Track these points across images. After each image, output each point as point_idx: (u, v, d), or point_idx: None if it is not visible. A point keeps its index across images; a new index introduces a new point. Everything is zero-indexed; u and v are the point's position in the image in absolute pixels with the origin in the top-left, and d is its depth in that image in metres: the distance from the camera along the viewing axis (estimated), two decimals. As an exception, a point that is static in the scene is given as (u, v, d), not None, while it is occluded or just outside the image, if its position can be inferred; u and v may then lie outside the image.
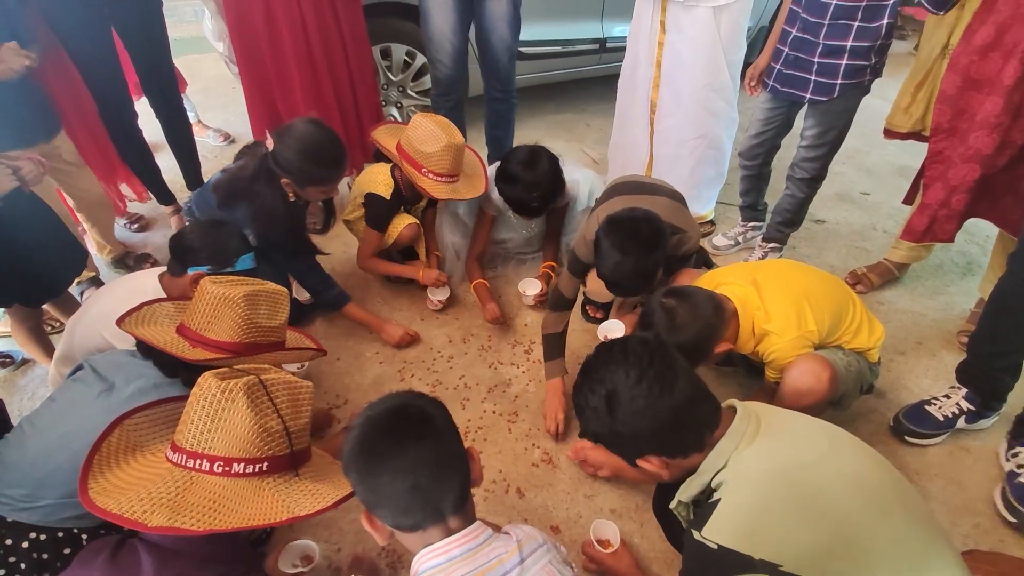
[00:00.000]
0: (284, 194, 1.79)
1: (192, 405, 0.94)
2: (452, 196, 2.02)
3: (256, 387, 0.95)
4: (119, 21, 2.10)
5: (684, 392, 0.98)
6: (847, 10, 1.78)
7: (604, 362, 1.02)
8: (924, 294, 2.34)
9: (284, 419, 0.96)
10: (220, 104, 3.68)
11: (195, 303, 1.20)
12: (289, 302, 1.31)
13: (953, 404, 1.76)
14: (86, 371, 1.21)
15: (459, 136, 1.96)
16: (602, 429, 1.02)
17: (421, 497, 0.85)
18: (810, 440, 1.02)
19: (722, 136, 2.38)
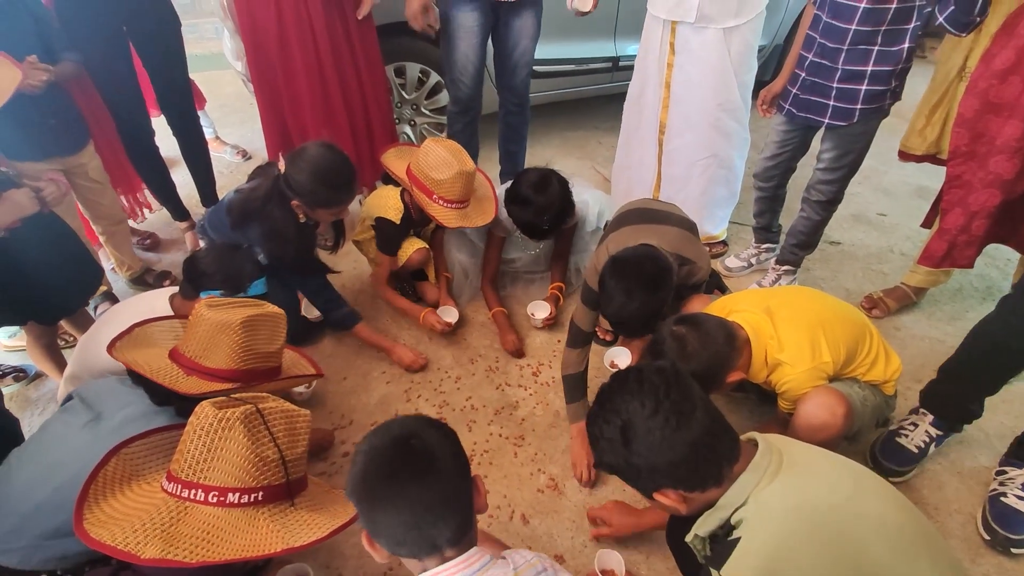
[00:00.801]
0: (295, 215, 1.80)
1: (189, 434, 0.94)
2: (463, 223, 2.02)
3: (253, 416, 0.94)
4: (138, 39, 2.15)
5: (702, 424, 0.96)
6: (867, 35, 1.75)
7: (619, 392, 1.00)
8: (942, 319, 2.28)
9: (281, 448, 0.95)
10: (238, 120, 3.74)
11: (191, 329, 1.20)
12: (287, 323, 1.30)
13: (923, 433, 1.72)
14: (75, 401, 1.21)
15: (470, 163, 1.97)
16: (617, 461, 1.01)
17: (418, 534, 0.85)
18: (835, 480, 0.99)
19: (733, 156, 2.36)
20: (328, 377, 2.04)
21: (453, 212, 1.99)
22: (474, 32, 2.29)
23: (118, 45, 2.11)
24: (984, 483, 1.71)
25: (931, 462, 1.76)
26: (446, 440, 0.90)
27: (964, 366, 1.64)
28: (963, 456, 1.79)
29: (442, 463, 0.87)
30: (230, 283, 1.47)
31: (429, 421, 0.92)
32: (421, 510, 0.84)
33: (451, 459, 0.89)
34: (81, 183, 2.08)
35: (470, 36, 2.30)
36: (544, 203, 1.93)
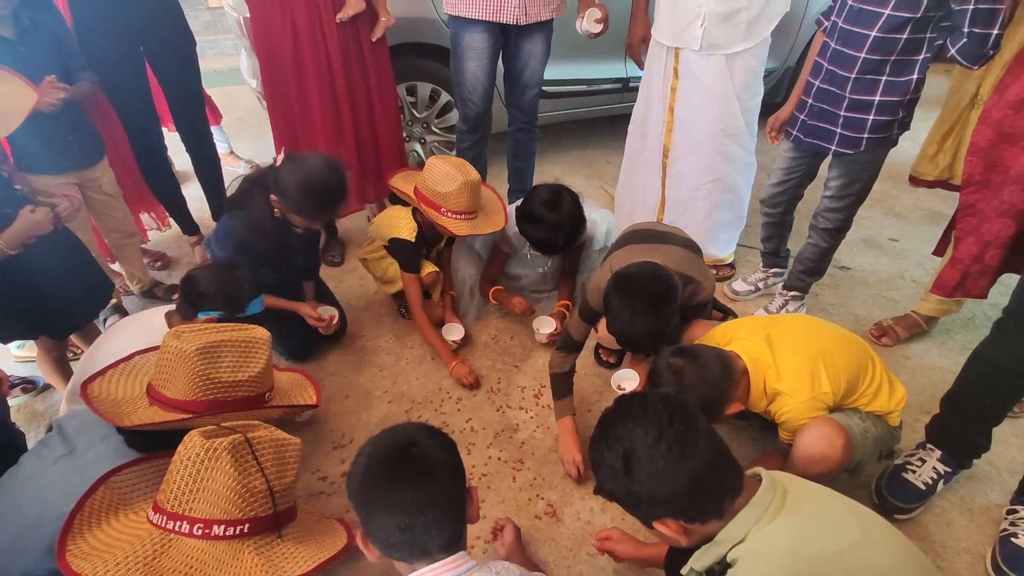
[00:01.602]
0: (271, 208, 1.83)
1: (175, 464, 0.94)
2: (473, 232, 2.05)
3: (241, 446, 0.94)
4: (153, 58, 2.20)
5: (705, 455, 0.94)
6: (876, 64, 1.74)
7: (622, 418, 0.99)
8: (954, 349, 2.24)
9: (269, 479, 0.95)
10: (252, 135, 3.80)
11: (159, 357, 1.19)
12: (268, 350, 1.25)
13: (930, 469, 1.68)
14: (53, 433, 1.21)
15: (474, 173, 1.99)
16: (618, 488, 1.00)
17: (411, 538, 0.89)
18: (840, 524, 0.96)
19: (738, 180, 2.35)
20: (330, 395, 2.05)
21: (464, 222, 2.02)
22: (484, 53, 2.32)
23: (134, 64, 2.16)
24: (995, 521, 1.67)
25: (939, 498, 1.72)
26: (445, 449, 0.96)
27: (964, 396, 1.61)
28: (973, 492, 1.75)
29: (439, 471, 0.92)
30: (229, 303, 1.47)
31: (431, 430, 0.98)
32: (416, 514, 0.88)
33: (448, 468, 0.95)
34: (94, 196, 2.12)
35: (480, 57, 2.32)
36: (558, 219, 1.94)
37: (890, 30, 1.67)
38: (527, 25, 2.27)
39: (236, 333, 1.22)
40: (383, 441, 0.95)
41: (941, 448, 1.69)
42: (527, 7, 2.21)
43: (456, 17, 2.28)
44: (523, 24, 2.25)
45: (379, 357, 2.21)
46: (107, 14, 2.02)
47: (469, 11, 2.22)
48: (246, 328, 1.25)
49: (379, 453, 0.93)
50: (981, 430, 1.63)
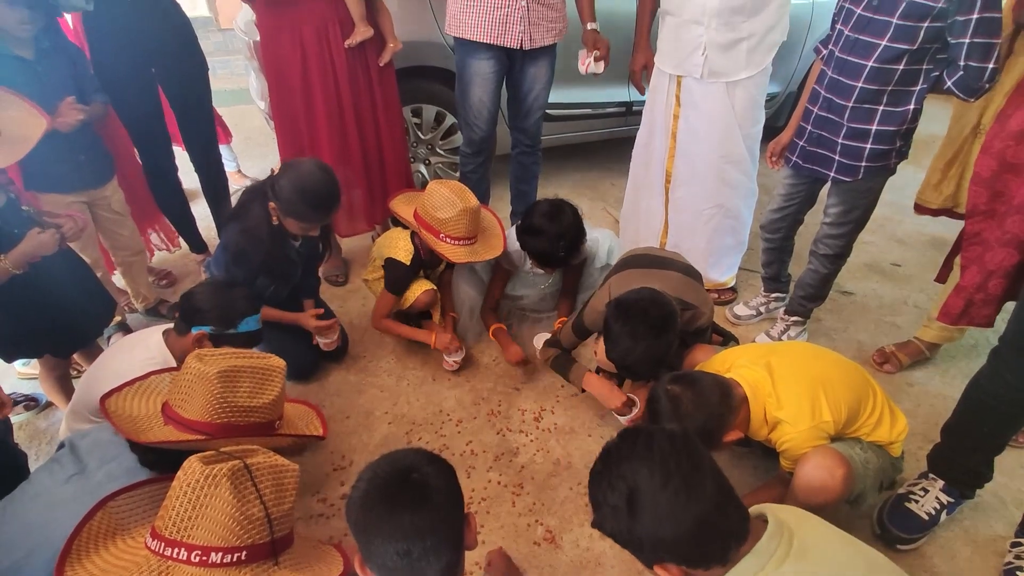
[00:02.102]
0: (269, 216, 1.86)
1: (175, 490, 0.94)
2: (470, 259, 2.06)
3: (241, 472, 0.95)
4: (166, 81, 2.25)
5: (711, 499, 0.91)
6: (873, 94, 1.76)
7: (627, 456, 0.96)
8: (958, 376, 2.23)
9: (267, 505, 0.95)
10: (260, 154, 3.85)
11: (178, 377, 1.21)
12: (283, 379, 1.28)
13: (933, 500, 1.66)
14: (65, 450, 1.22)
15: (473, 200, 2.01)
16: (620, 529, 0.96)
17: (409, 563, 0.90)
18: (846, 569, 0.93)
19: (740, 206, 2.37)
20: (331, 416, 2.05)
21: (461, 248, 2.03)
22: (490, 79, 2.35)
23: (146, 86, 2.20)
24: (1000, 553, 1.65)
25: (943, 528, 1.70)
26: (444, 475, 0.97)
27: (963, 425, 1.61)
28: (978, 523, 1.73)
29: (438, 497, 0.93)
30: (221, 319, 1.48)
31: (430, 456, 0.99)
32: (414, 539, 0.89)
33: (447, 494, 0.95)
34: (103, 214, 2.15)
35: (486, 83, 2.36)
36: (558, 231, 1.95)
37: (886, 61, 1.69)
38: (531, 50, 2.31)
39: (255, 360, 1.24)
40: (383, 466, 0.96)
41: (943, 478, 1.67)
42: (531, 32, 2.25)
43: (462, 42, 2.33)
44: (527, 49, 2.28)
45: (380, 378, 2.21)
46: (121, 37, 2.07)
47: (474, 34, 2.26)
48: (264, 356, 1.27)
49: (379, 478, 0.94)
50: (982, 459, 1.62)
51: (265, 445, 1.25)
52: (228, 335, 1.50)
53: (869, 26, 1.69)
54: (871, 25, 1.68)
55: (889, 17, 1.64)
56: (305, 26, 2.16)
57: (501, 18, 2.21)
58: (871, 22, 1.68)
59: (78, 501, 1.11)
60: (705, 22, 2.05)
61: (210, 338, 1.49)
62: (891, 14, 1.63)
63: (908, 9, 1.60)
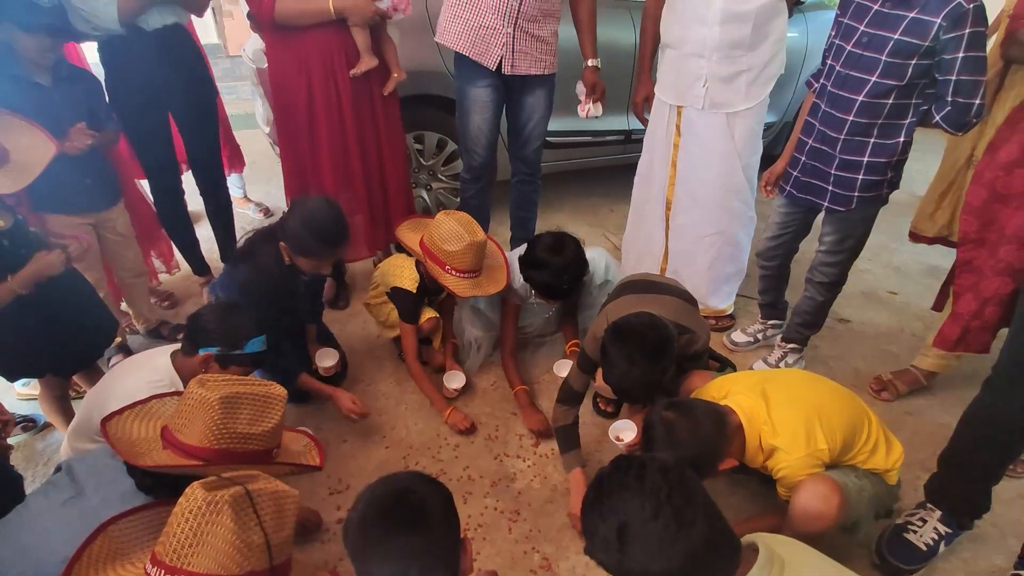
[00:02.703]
0: (281, 256, 1.88)
1: (177, 516, 0.94)
2: (476, 292, 2.07)
3: (242, 499, 0.95)
4: (177, 110, 2.29)
5: (702, 534, 0.90)
6: (864, 127, 1.80)
7: (619, 487, 0.95)
8: (956, 405, 2.21)
9: (267, 532, 0.96)
10: (264, 178, 3.89)
11: (181, 402, 1.22)
12: (283, 407, 1.29)
13: (931, 530, 1.65)
14: (62, 473, 1.22)
15: (481, 233, 2.02)
16: (610, 561, 0.95)
17: None
18: None
19: (739, 234, 2.40)
20: (328, 439, 2.05)
21: (466, 282, 2.03)
22: (487, 106, 2.40)
23: (159, 115, 2.26)
24: (997, 585, 1.64)
25: (942, 560, 1.69)
26: (441, 498, 0.99)
27: (959, 454, 1.61)
28: (977, 555, 1.72)
29: (434, 518, 0.96)
30: (226, 340, 1.49)
31: (428, 479, 1.02)
32: (410, 560, 0.91)
33: (443, 516, 0.98)
34: (108, 236, 2.17)
35: (483, 110, 2.41)
36: (561, 264, 1.97)
37: (876, 96, 1.73)
38: (527, 78, 2.36)
39: (256, 388, 1.25)
40: (380, 488, 0.99)
41: (941, 508, 1.67)
42: (514, 59, 2.28)
43: (460, 69, 2.38)
44: (508, 74, 2.32)
45: (379, 402, 2.22)
46: (138, 67, 2.12)
47: (455, 44, 2.31)
48: (265, 384, 1.28)
49: (376, 499, 0.97)
50: (979, 489, 1.61)
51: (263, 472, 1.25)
52: (233, 355, 1.51)
53: (859, 62, 1.74)
54: (861, 61, 1.73)
55: (878, 54, 1.69)
56: (312, 55, 2.21)
57: (484, 36, 2.25)
58: (861, 58, 1.73)
59: (73, 525, 1.11)
60: (706, 55, 2.10)
61: (216, 359, 1.51)
62: (880, 51, 1.68)
63: (896, 47, 1.65)
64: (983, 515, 1.66)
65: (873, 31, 1.69)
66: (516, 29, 2.23)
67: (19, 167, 1.72)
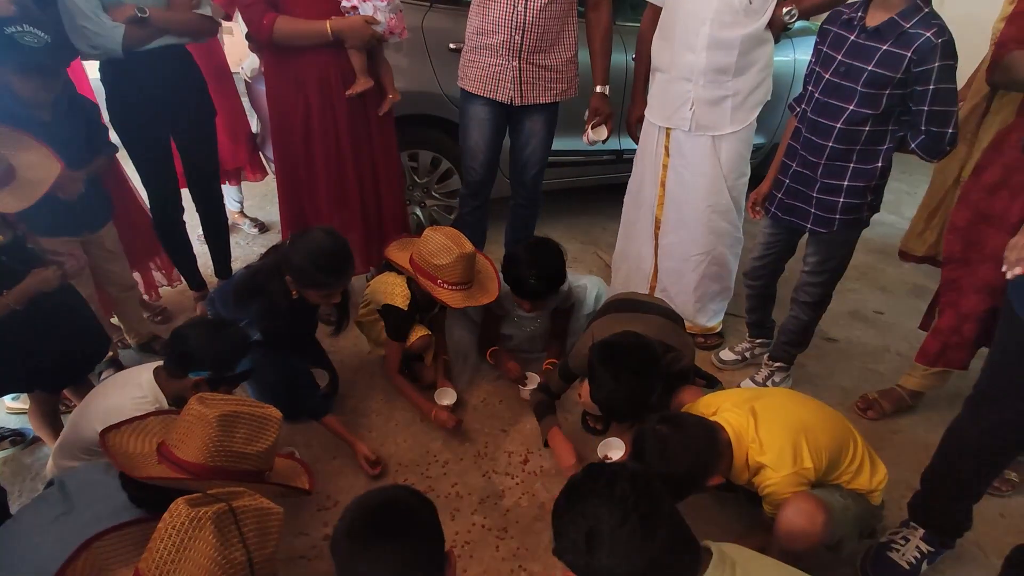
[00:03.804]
0: (289, 292, 1.89)
1: (160, 532, 0.95)
2: (467, 303, 2.10)
3: (226, 516, 0.97)
4: (177, 130, 2.33)
5: (665, 541, 0.97)
6: (843, 152, 1.85)
7: (589, 494, 1.02)
8: (940, 424, 2.22)
9: (250, 550, 0.97)
10: (260, 194, 3.92)
11: (178, 419, 1.23)
12: (278, 430, 1.30)
13: (914, 548, 1.67)
14: (54, 488, 1.23)
15: (468, 245, 2.05)
16: (577, 562, 1.02)
17: None
18: None
19: (726, 254, 2.44)
20: (317, 455, 2.06)
21: (458, 294, 2.06)
22: (486, 124, 2.44)
23: (160, 136, 2.29)
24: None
25: (925, 579, 1.70)
26: (426, 510, 1.03)
27: (941, 472, 1.63)
28: (958, 574, 1.74)
29: (421, 529, 1.00)
30: (219, 365, 1.51)
31: (413, 491, 1.06)
32: (398, 568, 0.95)
33: (429, 527, 1.02)
34: (96, 252, 2.16)
35: (482, 127, 2.45)
36: (532, 261, 2.02)
37: (853, 124, 1.79)
38: (527, 104, 2.41)
39: (253, 408, 1.27)
40: (367, 499, 1.03)
41: (924, 526, 1.69)
42: (524, 91, 2.34)
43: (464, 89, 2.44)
44: (518, 105, 2.38)
45: (368, 418, 2.23)
46: (138, 88, 2.14)
47: (472, 87, 2.39)
48: (262, 406, 1.30)
49: (363, 510, 1.00)
50: (960, 507, 1.63)
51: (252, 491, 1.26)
52: (227, 378, 1.52)
53: (837, 91, 1.79)
54: (839, 90, 1.79)
55: (854, 84, 1.75)
56: (309, 75, 2.25)
57: (494, 75, 2.32)
58: (839, 87, 1.79)
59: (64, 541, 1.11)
60: (693, 79, 2.16)
61: (208, 382, 1.51)
62: (856, 81, 1.74)
63: (871, 78, 1.71)
64: (964, 533, 1.68)
65: (850, 61, 1.75)
66: (522, 62, 2.29)
67: (25, 185, 1.72)
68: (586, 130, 2.43)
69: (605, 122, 2.42)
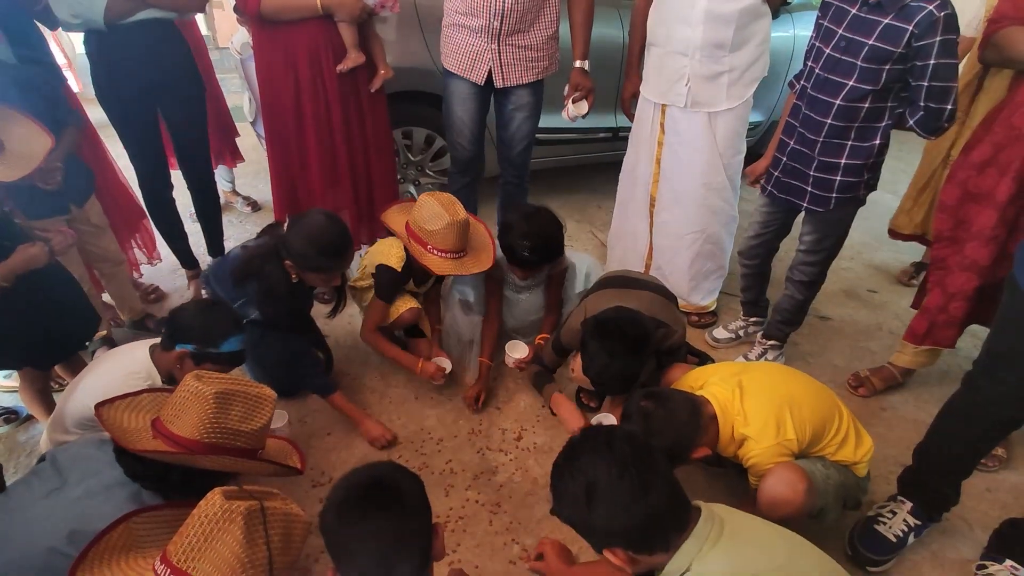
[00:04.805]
0: (288, 275, 1.87)
1: (193, 518, 0.97)
2: (458, 271, 2.05)
3: (256, 514, 0.98)
4: (165, 107, 2.29)
5: (662, 497, 1.02)
6: (841, 130, 1.83)
7: (589, 451, 1.06)
8: (930, 401, 2.27)
9: (272, 552, 0.98)
10: (252, 172, 3.88)
11: (174, 395, 1.24)
12: (272, 410, 1.31)
13: (901, 522, 1.70)
14: (46, 463, 1.23)
15: (462, 213, 1.99)
16: (576, 516, 1.07)
17: (379, 564, 0.96)
18: (771, 548, 1.07)
19: (721, 233, 2.43)
20: (312, 432, 2.07)
21: (449, 262, 2.01)
22: (468, 98, 2.40)
23: (147, 112, 2.25)
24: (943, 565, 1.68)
25: (912, 552, 1.73)
26: (413, 485, 1.06)
27: (934, 447, 1.65)
28: (945, 547, 1.76)
29: (409, 501, 1.02)
30: (203, 338, 1.50)
31: (400, 467, 1.08)
32: (386, 541, 0.96)
33: (416, 499, 1.04)
34: (82, 228, 2.13)
35: (465, 102, 2.41)
36: (527, 228, 1.98)
37: (852, 100, 1.76)
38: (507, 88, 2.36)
39: (248, 388, 1.28)
40: (354, 476, 1.04)
41: (912, 500, 1.71)
42: (503, 72, 2.29)
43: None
44: (498, 87, 2.33)
45: (363, 395, 2.23)
46: (125, 63, 2.10)
47: (449, 64, 2.36)
48: (257, 386, 1.30)
49: (350, 486, 1.02)
50: (949, 482, 1.66)
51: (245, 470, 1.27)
52: (208, 353, 1.52)
53: (837, 66, 1.77)
54: (839, 65, 1.76)
55: (855, 59, 1.72)
56: (299, 50, 2.21)
57: (471, 54, 2.28)
58: (839, 62, 1.76)
59: (57, 515, 1.13)
60: (689, 54, 2.13)
61: (192, 356, 1.51)
62: (856, 56, 1.71)
63: (871, 53, 1.68)
64: (951, 508, 1.71)
65: (850, 35, 1.72)
66: (501, 44, 2.25)
67: (16, 157, 1.70)
68: (566, 105, 2.37)
69: (586, 97, 2.35)
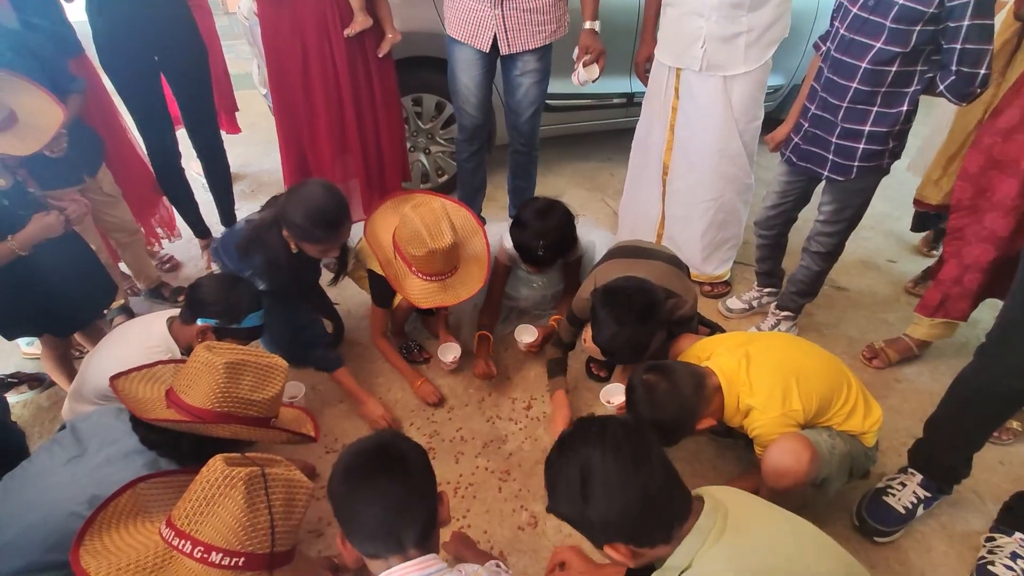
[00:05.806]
0: (287, 245, 1.87)
1: (196, 483, 0.99)
2: (442, 303, 1.94)
3: (257, 480, 0.99)
4: (168, 69, 2.27)
5: (657, 479, 1.00)
6: (866, 95, 1.74)
7: (582, 442, 1.04)
8: (946, 374, 2.24)
9: (274, 517, 1.00)
10: (263, 139, 3.87)
11: (186, 365, 1.26)
12: (284, 379, 1.32)
13: (910, 494, 1.69)
14: (66, 432, 1.27)
15: (446, 237, 1.81)
16: (573, 510, 1.04)
17: (386, 526, 0.99)
18: (776, 540, 1.03)
19: (735, 201, 2.38)
20: (325, 399, 2.10)
21: (432, 285, 1.91)
22: (472, 64, 2.34)
23: (150, 74, 2.23)
24: (975, 548, 1.68)
25: (921, 523, 1.73)
26: (418, 452, 1.08)
27: (946, 420, 1.63)
28: (955, 519, 1.76)
29: (413, 466, 1.04)
30: (226, 314, 1.53)
31: (402, 436, 1.11)
32: (392, 504, 0.99)
33: (421, 466, 1.06)
34: (96, 198, 2.14)
35: (469, 68, 2.35)
36: (542, 228, 1.93)
37: (880, 63, 1.68)
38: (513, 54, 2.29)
39: (259, 358, 1.29)
40: (362, 443, 1.07)
41: (922, 472, 1.70)
42: (508, 39, 2.22)
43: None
44: (504, 54, 2.27)
45: (375, 364, 2.26)
46: (125, 25, 2.09)
47: (452, 31, 2.30)
48: (268, 355, 1.32)
49: (359, 451, 1.05)
50: (961, 455, 1.64)
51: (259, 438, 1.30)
52: (231, 329, 1.54)
53: (864, 27, 1.68)
54: (866, 26, 1.68)
55: (883, 19, 1.63)
56: (305, 15, 2.17)
57: (474, 20, 2.21)
58: (866, 23, 1.67)
59: (76, 483, 1.17)
60: (706, 14, 2.05)
61: (214, 331, 1.54)
62: (885, 16, 1.62)
63: (900, 12, 1.59)
64: (962, 480, 1.70)
65: None
66: (504, 8, 2.17)
67: (28, 129, 1.69)
68: (576, 69, 2.27)
69: (596, 60, 2.25)
